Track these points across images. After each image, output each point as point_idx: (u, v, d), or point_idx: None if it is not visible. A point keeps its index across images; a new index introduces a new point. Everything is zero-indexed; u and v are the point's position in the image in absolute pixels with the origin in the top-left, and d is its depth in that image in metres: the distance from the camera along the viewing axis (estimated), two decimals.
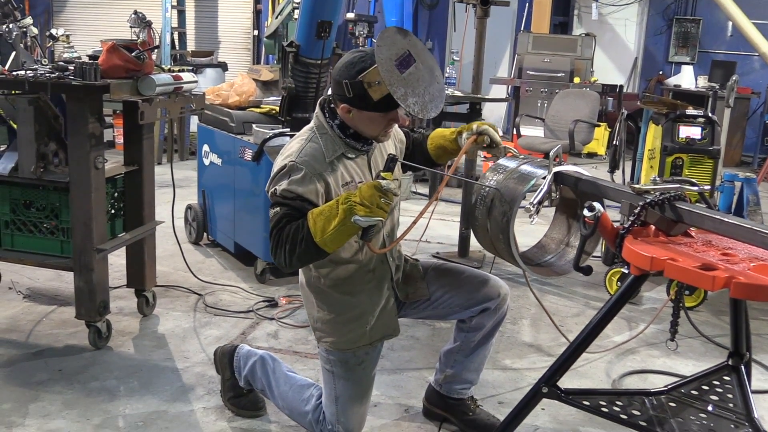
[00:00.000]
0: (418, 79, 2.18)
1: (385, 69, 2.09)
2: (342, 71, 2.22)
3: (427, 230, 4.98)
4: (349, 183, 2.31)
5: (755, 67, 10.15)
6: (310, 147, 2.28)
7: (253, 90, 4.64)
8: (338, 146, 2.31)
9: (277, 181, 2.24)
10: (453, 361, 2.65)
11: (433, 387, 2.75)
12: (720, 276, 1.68)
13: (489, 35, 4.70)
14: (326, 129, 2.32)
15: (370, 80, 2.16)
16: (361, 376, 2.44)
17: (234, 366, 2.73)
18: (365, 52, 2.22)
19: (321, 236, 2.08)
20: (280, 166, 2.25)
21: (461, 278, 2.56)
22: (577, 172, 2.29)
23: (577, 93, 7.35)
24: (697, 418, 2.08)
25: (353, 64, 2.20)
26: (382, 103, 2.19)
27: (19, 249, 3.22)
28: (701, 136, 4.25)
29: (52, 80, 2.88)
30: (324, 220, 2.08)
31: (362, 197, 2.05)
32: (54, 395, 2.81)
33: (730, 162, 9.21)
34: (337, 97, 2.27)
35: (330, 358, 2.43)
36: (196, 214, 4.82)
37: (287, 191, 2.19)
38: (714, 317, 3.97)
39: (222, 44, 10.91)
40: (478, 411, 2.71)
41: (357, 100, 2.21)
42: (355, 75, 2.18)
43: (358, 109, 2.23)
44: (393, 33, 2.19)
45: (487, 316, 2.54)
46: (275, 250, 2.18)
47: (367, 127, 2.29)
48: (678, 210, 1.94)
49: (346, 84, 2.20)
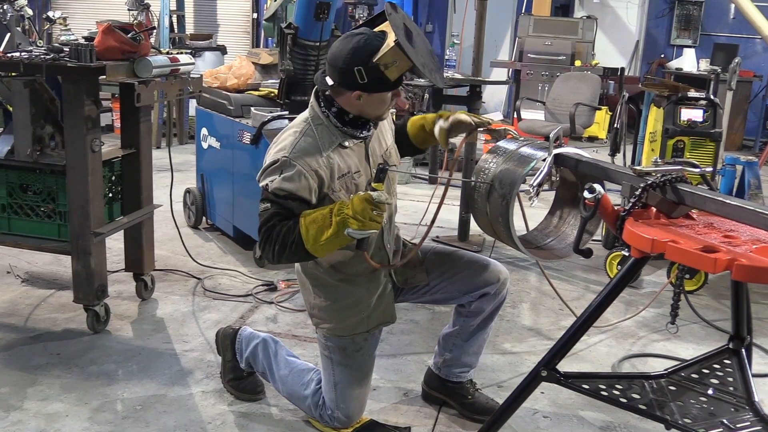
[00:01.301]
0: (421, 49, 2.20)
1: (406, 46, 2.08)
2: (350, 59, 2.15)
3: (427, 214, 4.97)
4: (346, 174, 2.28)
5: (758, 51, 10.09)
6: (305, 141, 2.23)
7: (251, 73, 4.61)
8: (335, 136, 2.27)
9: (268, 174, 2.21)
10: (452, 345, 2.64)
11: (432, 371, 2.74)
12: (722, 258, 1.66)
13: (489, 18, 4.65)
14: (322, 119, 2.28)
15: (386, 62, 2.12)
16: (360, 363, 2.43)
17: (236, 348, 2.72)
18: (366, 34, 2.17)
19: (312, 244, 2.09)
20: (272, 159, 2.22)
21: (460, 263, 2.54)
22: (577, 154, 2.26)
23: (578, 76, 7.30)
24: (698, 402, 2.07)
25: (360, 48, 2.14)
26: (398, 80, 2.19)
27: (17, 233, 3.20)
28: (703, 118, 4.22)
29: (48, 62, 2.85)
30: (317, 230, 2.08)
31: (354, 211, 2.04)
32: (52, 379, 2.80)
33: (731, 146, 9.18)
34: (344, 86, 2.21)
35: (328, 344, 2.42)
36: (195, 198, 4.80)
37: (279, 189, 2.16)
38: (714, 301, 3.96)
39: (221, 27, 10.84)
40: (477, 394, 2.71)
41: (373, 84, 2.17)
42: (368, 59, 2.13)
43: (370, 93, 2.20)
44: (393, 10, 2.17)
45: (487, 300, 2.53)
46: (264, 246, 2.18)
47: (376, 109, 2.26)
48: (679, 192, 1.92)
49: (359, 71, 2.14)
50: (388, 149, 2.48)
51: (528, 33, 9.27)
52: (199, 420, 2.57)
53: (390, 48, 2.11)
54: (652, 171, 1.99)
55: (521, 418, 2.66)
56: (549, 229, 2.55)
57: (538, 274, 4.28)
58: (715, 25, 10.46)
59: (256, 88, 4.52)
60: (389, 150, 2.49)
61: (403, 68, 2.13)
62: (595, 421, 2.69)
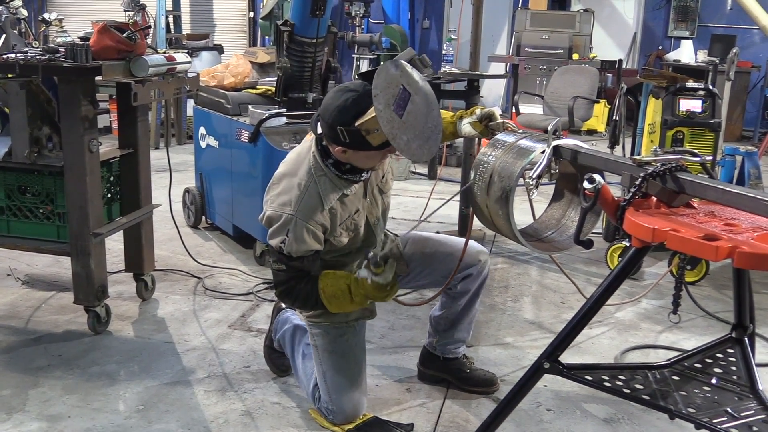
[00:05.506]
0: (416, 116, 2.11)
1: (385, 120, 2.02)
2: (335, 116, 2.13)
3: (427, 210, 4.96)
4: (347, 218, 2.36)
5: (755, 41, 10.07)
6: (309, 197, 2.26)
7: (248, 71, 4.59)
8: (338, 186, 2.30)
9: (276, 233, 2.27)
10: (443, 324, 2.74)
11: (427, 349, 2.82)
12: (723, 246, 1.65)
13: (486, 12, 4.66)
14: (324, 171, 2.29)
15: (368, 128, 2.09)
16: (345, 349, 2.48)
17: (273, 325, 2.85)
18: (356, 92, 2.12)
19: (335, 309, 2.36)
20: (277, 213, 2.25)
21: (441, 250, 2.63)
22: (576, 145, 2.25)
23: (576, 69, 7.30)
24: (701, 391, 2.06)
25: (346, 108, 2.11)
26: (382, 145, 2.15)
27: (16, 235, 3.19)
28: (702, 109, 4.21)
29: (43, 63, 2.84)
30: (337, 304, 2.33)
31: (371, 296, 2.30)
32: (54, 381, 2.79)
33: (730, 137, 9.16)
34: (330, 140, 2.21)
35: (313, 332, 2.51)
36: (194, 198, 4.79)
37: (293, 252, 2.25)
38: (716, 292, 3.95)
39: (217, 27, 10.80)
40: (473, 368, 2.81)
41: (354, 144, 2.16)
42: (351, 121, 2.10)
43: (354, 150, 2.19)
44: (386, 71, 2.08)
45: (471, 281, 2.64)
46: (282, 298, 2.41)
47: (363, 163, 2.28)
48: (680, 180, 1.90)
49: (341, 130, 2.12)
50: (384, 176, 2.51)
51: (525, 27, 9.24)
52: (201, 419, 2.57)
53: (372, 116, 2.06)
54: (652, 160, 1.98)
55: (524, 411, 2.66)
56: (549, 221, 2.55)
57: (539, 268, 4.27)
58: (712, 16, 10.43)
59: (253, 87, 4.50)
60: (386, 177, 2.52)
61: (384, 137, 2.07)
62: (599, 413, 2.69)
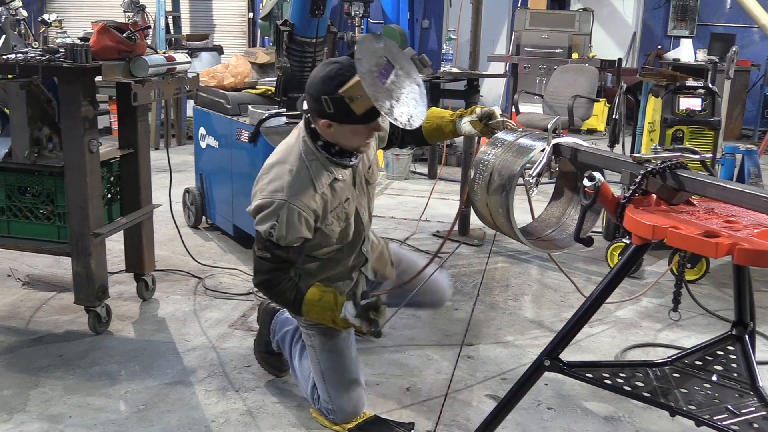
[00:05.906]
0: (399, 86, 2.12)
1: (369, 83, 2.01)
2: (319, 86, 2.15)
3: (427, 209, 4.97)
4: (338, 206, 2.35)
5: (755, 39, 10.07)
6: (300, 180, 2.24)
7: (248, 71, 4.60)
8: (329, 171, 2.29)
9: (266, 218, 2.23)
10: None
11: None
12: (723, 243, 1.65)
13: (486, 12, 4.66)
14: (315, 155, 2.29)
15: (352, 94, 2.09)
16: (342, 347, 2.50)
17: (271, 327, 2.83)
18: (341, 64, 2.14)
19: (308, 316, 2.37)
20: (269, 200, 2.23)
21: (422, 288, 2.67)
22: (576, 143, 2.25)
23: (575, 68, 7.29)
24: (702, 388, 2.06)
25: (331, 78, 2.12)
26: (366, 115, 2.14)
27: (16, 235, 3.19)
28: (701, 107, 4.21)
29: (43, 63, 2.84)
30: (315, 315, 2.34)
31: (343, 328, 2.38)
32: (55, 381, 2.79)
33: (730, 135, 9.16)
34: (315, 113, 2.21)
35: (308, 333, 2.52)
36: (194, 198, 4.79)
37: (281, 238, 2.23)
38: (716, 290, 3.95)
39: (217, 27, 10.81)
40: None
41: (339, 115, 2.16)
42: (335, 89, 2.11)
43: (339, 123, 2.19)
44: (370, 41, 2.10)
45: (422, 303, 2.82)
46: (260, 288, 2.41)
47: (349, 140, 2.26)
48: (680, 178, 1.91)
49: (325, 100, 2.13)
50: (371, 167, 2.52)
51: (524, 26, 9.24)
52: (202, 418, 2.57)
53: (355, 81, 2.06)
54: (652, 158, 1.98)
55: (525, 410, 2.66)
56: (550, 219, 2.55)
57: (539, 267, 4.27)
58: (711, 15, 10.43)
59: (253, 86, 4.51)
60: (372, 167, 2.53)
61: (369, 104, 2.07)
62: (599, 411, 2.69)
